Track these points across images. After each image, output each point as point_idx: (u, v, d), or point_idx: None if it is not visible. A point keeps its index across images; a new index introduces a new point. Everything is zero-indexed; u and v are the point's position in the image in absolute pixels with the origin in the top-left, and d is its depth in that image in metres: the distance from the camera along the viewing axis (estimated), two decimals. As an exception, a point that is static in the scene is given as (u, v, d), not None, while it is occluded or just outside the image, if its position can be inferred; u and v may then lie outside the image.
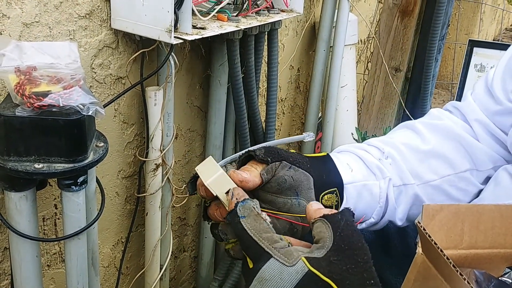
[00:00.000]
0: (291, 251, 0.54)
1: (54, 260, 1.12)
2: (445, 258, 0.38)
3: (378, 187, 0.75)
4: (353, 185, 0.73)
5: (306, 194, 0.69)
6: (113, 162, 1.15)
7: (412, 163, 0.77)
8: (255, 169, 0.67)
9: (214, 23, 1.05)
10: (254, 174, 0.66)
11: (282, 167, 0.67)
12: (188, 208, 1.48)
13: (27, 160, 0.77)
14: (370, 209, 0.75)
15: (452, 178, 0.77)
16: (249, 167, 0.67)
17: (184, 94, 1.28)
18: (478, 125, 0.78)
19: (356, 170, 0.74)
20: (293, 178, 0.67)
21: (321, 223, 0.55)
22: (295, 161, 0.69)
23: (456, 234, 0.45)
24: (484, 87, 0.80)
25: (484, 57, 1.76)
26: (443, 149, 0.78)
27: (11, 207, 0.81)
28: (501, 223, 0.47)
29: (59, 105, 0.75)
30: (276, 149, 0.69)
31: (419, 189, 0.77)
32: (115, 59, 1.05)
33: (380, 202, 0.75)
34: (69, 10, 0.93)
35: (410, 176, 0.76)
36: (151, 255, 1.24)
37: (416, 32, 1.70)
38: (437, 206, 0.45)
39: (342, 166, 0.74)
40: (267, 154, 0.68)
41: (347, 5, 1.56)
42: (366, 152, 0.77)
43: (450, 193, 0.78)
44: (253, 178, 0.65)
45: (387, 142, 0.80)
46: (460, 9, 2.88)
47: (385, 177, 0.75)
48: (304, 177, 0.68)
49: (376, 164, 0.76)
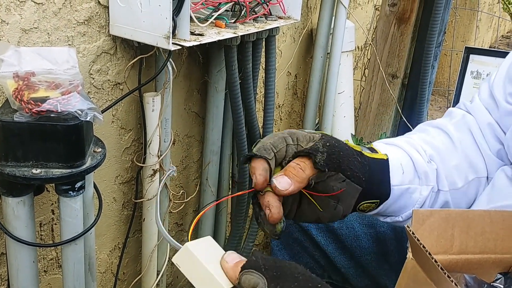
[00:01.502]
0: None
1: (51, 266, 1.12)
2: (433, 261, 0.39)
3: (419, 193, 0.74)
4: (399, 188, 0.72)
5: (346, 202, 0.67)
6: (110, 168, 1.15)
7: (449, 170, 0.77)
8: (302, 172, 0.63)
9: (212, 30, 1.06)
10: (301, 179, 0.62)
11: (336, 178, 0.65)
12: (185, 214, 1.48)
13: (25, 166, 0.78)
14: (403, 210, 0.75)
15: (475, 183, 0.78)
16: (298, 166, 0.63)
17: (182, 100, 1.29)
18: (489, 129, 0.78)
19: (406, 173, 0.73)
20: (343, 191, 0.66)
21: (245, 275, 0.54)
22: (353, 174, 0.65)
23: (446, 239, 0.46)
24: (488, 91, 0.81)
25: (480, 64, 1.77)
26: (470, 153, 0.78)
27: (9, 213, 0.81)
28: (491, 228, 0.47)
29: (57, 110, 0.76)
30: (339, 153, 0.65)
31: (449, 195, 0.77)
32: (113, 65, 1.06)
33: (415, 206, 0.74)
34: (68, 16, 0.94)
35: (446, 183, 0.76)
36: (148, 261, 1.24)
37: (413, 39, 1.71)
38: (427, 211, 0.45)
39: (395, 166, 0.72)
40: (327, 161, 0.63)
41: (344, 12, 1.57)
42: (417, 153, 0.75)
43: (471, 197, 0.78)
44: (297, 186, 0.62)
45: (429, 142, 0.78)
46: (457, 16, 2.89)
47: (429, 184, 0.75)
48: (353, 190, 0.66)
49: (424, 169, 0.74)
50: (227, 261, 0.56)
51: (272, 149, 0.65)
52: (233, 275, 0.55)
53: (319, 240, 1.00)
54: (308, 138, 0.66)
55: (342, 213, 0.68)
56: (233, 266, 0.55)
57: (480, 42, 3.77)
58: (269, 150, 0.64)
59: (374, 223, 0.97)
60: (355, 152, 0.67)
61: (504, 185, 0.73)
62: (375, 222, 0.97)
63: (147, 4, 0.92)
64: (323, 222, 0.70)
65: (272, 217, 0.63)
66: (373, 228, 0.97)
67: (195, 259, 0.55)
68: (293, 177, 0.62)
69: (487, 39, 4.06)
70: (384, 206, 0.72)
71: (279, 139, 0.65)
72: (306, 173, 0.63)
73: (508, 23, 4.14)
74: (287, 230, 1.03)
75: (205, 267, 0.54)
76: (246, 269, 0.55)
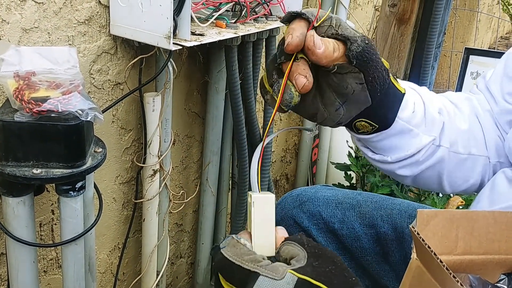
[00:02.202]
0: (277, 266, 0.55)
1: (51, 266, 1.11)
2: (439, 262, 0.39)
3: (420, 139, 0.72)
4: (404, 124, 0.70)
5: (350, 109, 0.65)
6: (110, 168, 1.15)
7: (455, 131, 0.76)
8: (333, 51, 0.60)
9: (213, 30, 1.05)
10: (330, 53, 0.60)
11: (355, 77, 0.62)
12: (185, 214, 1.48)
13: (25, 166, 0.78)
14: (395, 150, 0.73)
15: (474, 159, 0.77)
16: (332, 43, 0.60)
17: (182, 100, 1.29)
18: (489, 116, 0.78)
19: (415, 113, 0.71)
20: (354, 91, 0.63)
21: (287, 245, 0.57)
22: (373, 82, 0.63)
23: (450, 240, 0.46)
24: (485, 87, 0.81)
25: (480, 65, 1.77)
26: (475, 129, 0.77)
27: (9, 213, 0.81)
28: (495, 229, 0.47)
29: (57, 110, 0.76)
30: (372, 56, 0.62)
31: (447, 155, 0.75)
32: (114, 65, 1.06)
33: (409, 151, 0.73)
34: (68, 16, 0.94)
35: (448, 140, 0.75)
36: (148, 261, 1.24)
37: (413, 39, 1.71)
38: (432, 212, 0.45)
39: (409, 103, 0.70)
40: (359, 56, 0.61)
41: (344, 13, 1.57)
42: (430, 101, 0.74)
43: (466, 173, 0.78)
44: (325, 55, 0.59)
45: (442, 101, 0.78)
46: (456, 17, 2.89)
47: (431, 135, 0.73)
48: (363, 99, 0.64)
49: (433, 115, 0.73)
50: (277, 231, 0.59)
51: (315, 16, 0.62)
52: (278, 244, 0.58)
53: (320, 240, 1.00)
54: (349, 31, 0.63)
55: (340, 119, 0.66)
56: (281, 238, 0.58)
57: (480, 43, 3.78)
58: (312, 16, 0.62)
59: (375, 224, 0.97)
60: (384, 66, 0.65)
61: (505, 187, 0.73)
62: (375, 222, 0.97)
63: (147, 4, 0.92)
64: (317, 120, 0.67)
65: (307, 86, 0.60)
66: (374, 228, 0.97)
67: (271, 211, 0.60)
68: (326, 47, 0.60)
69: (486, 40, 4.06)
70: (380, 136, 0.70)
71: (327, 16, 0.63)
72: (335, 55, 0.61)
73: (507, 24, 4.15)
74: (287, 231, 1.03)
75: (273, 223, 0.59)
76: (290, 241, 0.57)
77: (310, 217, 1.00)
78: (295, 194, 1.05)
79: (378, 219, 0.96)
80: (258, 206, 0.60)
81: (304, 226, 1.01)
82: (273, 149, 1.78)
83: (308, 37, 0.59)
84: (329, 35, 0.62)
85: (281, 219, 1.04)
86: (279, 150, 1.87)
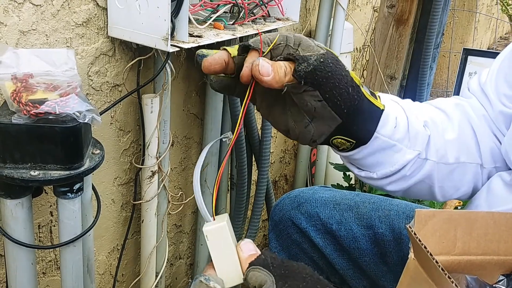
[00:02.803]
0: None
1: (49, 268, 1.11)
2: (434, 262, 0.39)
3: (403, 155, 0.72)
4: (386, 140, 0.69)
5: (319, 126, 0.65)
6: (109, 169, 1.15)
7: (442, 142, 0.75)
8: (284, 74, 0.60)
9: (211, 31, 1.05)
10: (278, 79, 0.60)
11: (312, 95, 0.62)
12: (184, 215, 1.48)
13: (23, 168, 0.78)
14: (380, 166, 0.73)
15: (465, 167, 0.76)
16: (283, 67, 0.60)
17: (181, 102, 1.29)
18: (484, 120, 0.77)
19: (398, 128, 0.70)
20: (316, 109, 0.63)
21: (253, 272, 0.55)
22: (332, 99, 0.62)
23: (448, 240, 0.46)
24: (479, 88, 0.80)
25: (478, 65, 1.77)
26: (465, 136, 0.76)
27: (7, 214, 0.81)
28: (494, 229, 0.47)
29: (55, 112, 0.76)
30: (328, 73, 0.61)
31: (436, 167, 0.75)
32: (112, 66, 1.06)
33: (394, 166, 0.72)
34: (66, 18, 0.94)
35: (435, 154, 0.74)
36: (147, 262, 1.24)
37: (411, 40, 1.71)
38: (430, 212, 0.45)
39: (391, 118, 0.69)
40: (309, 75, 0.60)
41: (343, 14, 1.57)
42: (414, 116, 0.74)
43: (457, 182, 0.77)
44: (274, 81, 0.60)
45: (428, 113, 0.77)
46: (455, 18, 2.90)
47: (416, 149, 0.72)
48: (329, 116, 0.64)
49: (416, 130, 0.72)
50: (242, 250, 0.56)
51: (268, 43, 0.63)
52: (244, 268, 0.56)
53: (318, 241, 1.00)
54: (311, 48, 0.62)
55: (312, 136, 0.66)
56: (247, 258, 0.56)
57: (479, 44, 3.78)
58: (265, 44, 0.63)
59: (373, 225, 0.97)
60: (350, 83, 0.64)
61: (502, 190, 0.73)
62: (373, 223, 0.97)
63: (145, 6, 0.92)
64: (291, 136, 0.68)
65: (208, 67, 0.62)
66: (371, 229, 0.97)
67: (227, 238, 0.57)
68: (276, 71, 0.60)
69: (485, 41, 4.07)
70: (361, 152, 0.70)
71: (281, 37, 0.63)
72: (286, 78, 0.60)
73: (506, 24, 4.16)
74: (286, 232, 1.03)
75: (233, 250, 0.57)
76: (254, 266, 0.55)
77: (308, 218, 1.00)
78: (293, 195, 1.05)
79: (376, 220, 0.97)
80: (212, 239, 0.58)
81: (302, 227, 1.01)
82: (272, 150, 1.78)
83: (254, 67, 0.60)
84: (285, 55, 0.62)
85: (279, 220, 1.04)
86: (278, 151, 1.87)
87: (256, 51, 0.62)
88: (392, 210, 0.98)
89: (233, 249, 0.57)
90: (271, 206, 1.46)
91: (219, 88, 0.67)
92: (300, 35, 0.64)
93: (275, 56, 0.63)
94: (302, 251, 1.03)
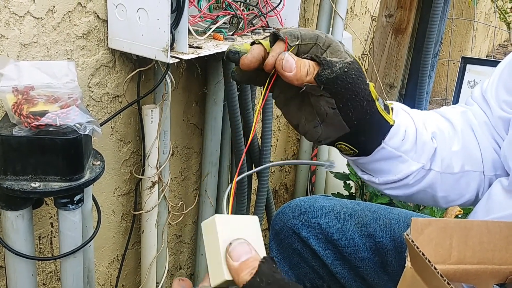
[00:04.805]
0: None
1: (50, 279, 1.11)
2: (433, 269, 0.39)
3: (408, 166, 0.73)
4: (392, 151, 0.70)
5: (327, 130, 0.66)
6: (109, 180, 1.15)
7: (448, 153, 0.76)
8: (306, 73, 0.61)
9: (210, 42, 1.06)
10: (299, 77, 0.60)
11: (328, 101, 0.62)
12: (184, 225, 1.48)
13: (24, 179, 0.78)
14: (383, 173, 0.74)
15: (469, 175, 0.77)
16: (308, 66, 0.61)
17: (181, 112, 1.29)
18: (486, 127, 0.78)
19: (406, 141, 0.72)
20: (328, 115, 0.64)
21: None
22: (346, 110, 0.63)
23: (444, 249, 0.46)
24: (481, 96, 0.81)
25: (477, 73, 1.78)
26: (469, 145, 0.77)
27: (7, 226, 0.81)
28: (489, 238, 0.47)
29: (56, 124, 0.76)
30: (348, 84, 0.62)
31: (440, 178, 0.76)
32: (112, 78, 1.07)
33: (397, 175, 0.73)
34: (67, 31, 0.95)
35: (440, 164, 0.75)
36: (147, 273, 1.24)
37: (410, 49, 1.72)
38: (426, 221, 0.45)
39: (399, 130, 0.70)
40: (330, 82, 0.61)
41: (341, 24, 1.58)
42: (424, 128, 0.74)
43: (462, 190, 0.78)
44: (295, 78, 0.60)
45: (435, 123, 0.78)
46: (453, 26, 2.91)
47: (420, 162, 0.73)
48: (339, 124, 0.65)
49: (424, 142, 0.73)
50: (232, 257, 0.52)
51: (298, 37, 0.63)
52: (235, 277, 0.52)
53: (319, 250, 1.00)
54: (339, 53, 0.63)
55: (319, 137, 0.67)
56: (237, 268, 0.52)
57: (477, 52, 3.80)
58: (295, 38, 0.62)
59: (373, 234, 0.97)
60: (366, 97, 0.65)
61: (501, 196, 0.73)
62: (374, 232, 0.97)
63: (145, 17, 0.93)
64: (299, 131, 0.69)
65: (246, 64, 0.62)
66: (372, 238, 0.97)
67: (215, 234, 0.52)
68: (298, 69, 0.60)
69: (484, 48, 4.08)
70: (365, 158, 0.71)
71: (312, 35, 0.63)
72: (307, 78, 0.61)
73: (505, 32, 4.17)
74: (286, 241, 1.03)
75: (220, 249, 0.51)
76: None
77: (309, 227, 1.00)
78: (294, 204, 1.05)
79: (377, 229, 0.97)
80: (205, 233, 0.54)
81: (303, 236, 1.01)
82: (272, 159, 1.78)
83: (278, 60, 0.60)
84: (312, 55, 0.62)
85: (280, 230, 1.04)
86: (277, 160, 1.88)
87: (283, 42, 0.61)
88: (393, 219, 0.98)
89: (218, 249, 0.52)
90: (272, 215, 1.47)
91: (242, 79, 0.67)
92: (331, 37, 0.65)
93: (302, 52, 0.63)
94: (303, 260, 1.03)
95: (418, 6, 1.65)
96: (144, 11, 0.93)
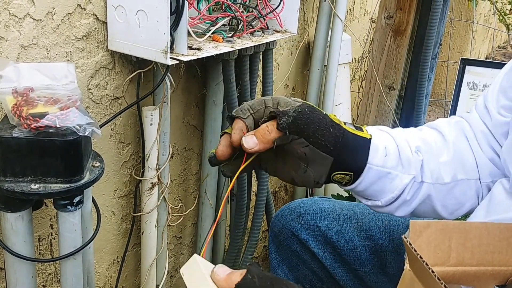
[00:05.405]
0: None
1: (49, 281, 1.11)
2: (430, 272, 0.39)
3: (400, 180, 0.75)
4: (379, 169, 0.73)
5: (316, 168, 0.70)
6: (109, 182, 1.15)
7: (436, 164, 0.78)
8: (269, 133, 0.66)
9: (210, 44, 1.06)
10: (266, 140, 0.66)
11: (299, 142, 0.67)
12: (184, 227, 1.48)
13: (23, 181, 0.78)
14: (382, 194, 0.76)
15: (463, 183, 0.78)
16: (266, 128, 0.67)
17: (180, 114, 1.29)
18: (482, 136, 0.79)
19: (389, 156, 0.74)
20: (306, 154, 0.68)
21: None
22: (317, 140, 0.68)
23: (443, 251, 0.46)
24: (483, 102, 0.82)
25: (476, 75, 1.78)
26: (462, 154, 0.79)
27: (7, 228, 0.81)
28: (488, 240, 0.47)
29: (55, 126, 0.76)
30: (307, 120, 0.67)
31: (433, 189, 0.78)
32: (112, 79, 1.07)
33: (394, 192, 0.76)
34: (66, 33, 0.95)
35: (430, 175, 0.77)
36: (147, 275, 1.24)
37: (409, 51, 1.72)
38: (424, 223, 0.46)
39: (380, 148, 0.74)
40: (291, 125, 0.66)
41: (341, 25, 1.58)
42: (405, 142, 0.77)
43: (459, 198, 0.79)
44: (262, 146, 0.66)
45: (420, 137, 0.80)
46: (452, 28, 2.92)
47: (410, 173, 0.76)
48: (320, 157, 0.69)
49: (408, 156, 0.76)
50: (218, 274, 0.56)
51: (248, 109, 0.70)
52: (225, 285, 0.55)
53: (318, 252, 1.00)
54: (288, 103, 0.69)
55: (313, 179, 0.70)
56: (226, 278, 0.55)
57: (477, 53, 3.80)
58: (246, 111, 0.70)
59: (372, 235, 0.97)
60: (330, 123, 0.70)
61: (502, 198, 0.73)
62: (373, 234, 0.97)
63: (144, 19, 0.93)
64: (297, 184, 0.73)
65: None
66: (371, 240, 0.97)
67: (199, 271, 0.56)
68: (260, 138, 0.66)
69: (483, 50, 4.09)
70: (361, 184, 0.74)
71: (259, 101, 0.70)
72: (272, 135, 0.67)
73: (504, 34, 4.18)
74: (286, 243, 1.03)
75: (207, 279, 0.55)
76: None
77: (308, 229, 1.00)
78: (293, 206, 1.05)
79: (376, 231, 0.97)
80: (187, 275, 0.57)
81: (302, 238, 1.01)
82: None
83: (242, 146, 0.67)
84: (268, 115, 0.68)
85: (279, 231, 1.04)
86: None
87: (239, 119, 0.69)
88: (391, 221, 0.98)
89: (207, 278, 0.56)
90: (271, 217, 1.47)
91: (232, 171, 0.72)
92: (278, 96, 0.72)
93: (258, 119, 0.70)
94: (302, 262, 1.03)
95: (418, 7, 1.65)
96: (143, 13, 0.93)
